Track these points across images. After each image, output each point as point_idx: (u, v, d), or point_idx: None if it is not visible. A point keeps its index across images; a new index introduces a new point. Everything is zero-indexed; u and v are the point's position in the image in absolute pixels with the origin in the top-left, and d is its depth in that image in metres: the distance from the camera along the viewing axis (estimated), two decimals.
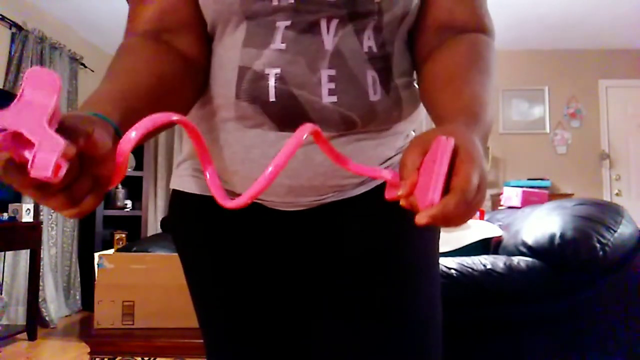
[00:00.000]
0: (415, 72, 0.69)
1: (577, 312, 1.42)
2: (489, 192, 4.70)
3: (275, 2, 0.58)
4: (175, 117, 0.40)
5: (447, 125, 0.48)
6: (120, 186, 4.49)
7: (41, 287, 3.47)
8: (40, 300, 3.41)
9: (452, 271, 1.40)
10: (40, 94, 0.34)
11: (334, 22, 0.59)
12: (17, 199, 3.36)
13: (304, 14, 0.59)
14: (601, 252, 1.36)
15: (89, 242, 4.18)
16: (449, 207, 0.38)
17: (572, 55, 5.09)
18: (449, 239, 1.78)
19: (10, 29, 3.55)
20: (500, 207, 2.66)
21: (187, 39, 0.63)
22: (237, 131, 0.64)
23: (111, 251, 2.26)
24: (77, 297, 4.09)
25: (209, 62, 0.65)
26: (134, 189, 4.60)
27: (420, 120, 0.74)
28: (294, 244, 0.70)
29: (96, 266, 1.70)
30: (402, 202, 0.42)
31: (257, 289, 0.72)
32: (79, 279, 4.14)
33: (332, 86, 0.59)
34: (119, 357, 1.69)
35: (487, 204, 4.66)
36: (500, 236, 1.80)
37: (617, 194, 4.98)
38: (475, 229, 1.81)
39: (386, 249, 0.69)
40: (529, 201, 2.45)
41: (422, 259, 0.70)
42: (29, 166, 0.33)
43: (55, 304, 3.70)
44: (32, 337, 3.14)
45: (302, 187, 0.64)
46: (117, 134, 0.43)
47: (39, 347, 3.04)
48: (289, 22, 0.59)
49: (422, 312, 0.68)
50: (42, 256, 3.51)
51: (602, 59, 5.08)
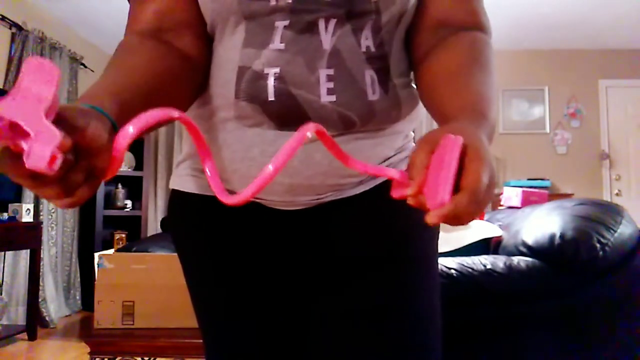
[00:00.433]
0: (412, 71, 0.69)
1: (577, 312, 1.42)
2: None
3: (273, 2, 0.58)
4: (175, 113, 0.40)
5: (454, 123, 0.48)
6: (120, 186, 4.49)
7: (41, 287, 3.47)
8: (40, 300, 3.41)
9: (452, 271, 1.40)
10: (38, 85, 0.34)
11: (332, 22, 0.59)
12: (17, 199, 3.36)
13: (302, 14, 0.59)
14: (601, 252, 1.36)
15: (89, 242, 4.18)
16: (460, 206, 0.38)
17: (572, 55, 5.09)
18: (449, 239, 1.77)
19: (10, 29, 3.55)
20: (500, 207, 2.66)
21: (187, 38, 0.63)
22: (236, 130, 0.64)
23: (111, 251, 2.26)
24: (77, 297, 4.09)
25: (209, 61, 0.65)
26: (134, 189, 4.61)
27: (419, 119, 0.74)
28: (294, 243, 0.70)
29: (96, 266, 1.70)
30: (410, 201, 0.42)
31: (256, 288, 0.72)
32: (79, 279, 4.14)
33: (331, 85, 0.59)
34: (119, 357, 1.69)
35: None
36: (500, 236, 1.79)
37: (617, 194, 4.98)
38: (475, 229, 1.81)
39: (385, 249, 0.69)
40: (529, 201, 2.46)
41: (421, 259, 0.70)
42: (25, 157, 0.33)
43: (55, 304, 3.70)
44: (32, 337, 3.14)
45: (301, 185, 0.64)
46: (114, 128, 0.43)
47: (39, 347, 3.04)
48: (287, 22, 0.59)
49: (421, 311, 0.68)
50: (42, 256, 3.51)
51: (602, 59, 5.07)
